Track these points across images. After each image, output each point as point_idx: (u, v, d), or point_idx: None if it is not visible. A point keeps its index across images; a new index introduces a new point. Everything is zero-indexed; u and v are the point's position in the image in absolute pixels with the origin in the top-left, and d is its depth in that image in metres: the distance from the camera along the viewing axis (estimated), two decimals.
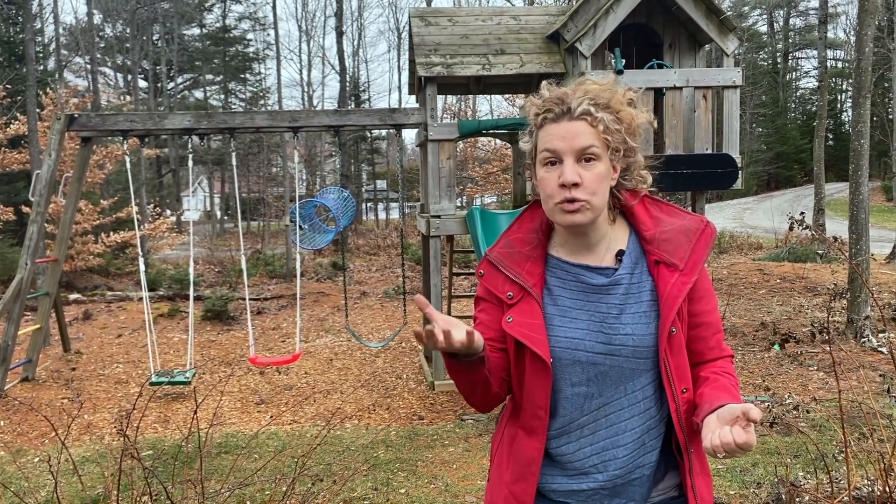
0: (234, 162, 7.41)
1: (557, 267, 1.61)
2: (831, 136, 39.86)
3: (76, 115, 7.10)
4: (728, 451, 1.34)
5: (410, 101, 31.71)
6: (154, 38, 28.87)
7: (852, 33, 35.93)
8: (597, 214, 1.54)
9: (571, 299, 1.58)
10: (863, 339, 7.67)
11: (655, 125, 1.68)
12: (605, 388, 1.56)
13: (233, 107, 33.08)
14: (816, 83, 26.84)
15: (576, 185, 1.48)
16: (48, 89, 14.36)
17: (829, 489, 3.55)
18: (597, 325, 1.55)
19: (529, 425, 1.60)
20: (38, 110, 11.29)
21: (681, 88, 6.71)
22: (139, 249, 7.65)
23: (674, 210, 1.65)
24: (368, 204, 38.66)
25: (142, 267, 7.07)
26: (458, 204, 22.31)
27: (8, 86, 14.27)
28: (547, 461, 1.61)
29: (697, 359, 1.60)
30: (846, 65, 41.49)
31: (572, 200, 1.49)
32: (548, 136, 1.51)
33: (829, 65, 31.93)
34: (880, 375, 6.38)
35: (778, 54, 44.85)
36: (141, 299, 7.28)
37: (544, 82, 1.59)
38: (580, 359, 1.55)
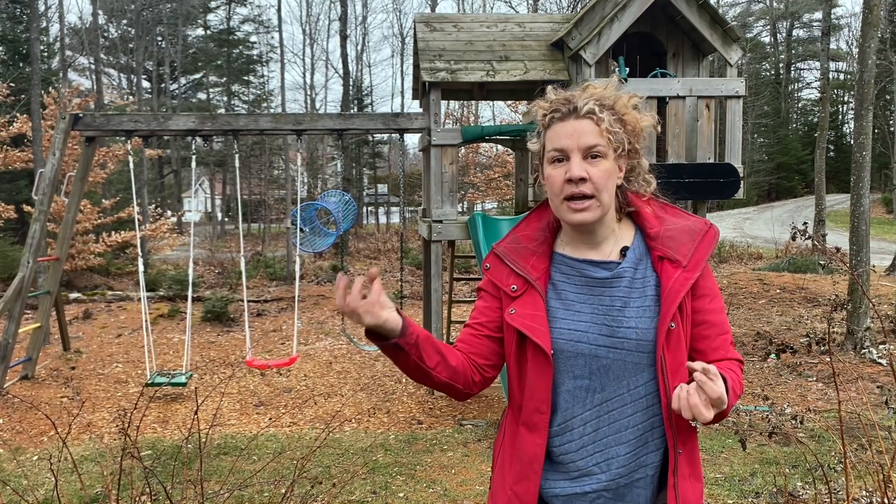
0: (236, 164, 7.43)
1: (562, 263, 1.63)
2: (832, 148, 39.92)
3: (81, 115, 7.12)
4: (689, 407, 1.40)
5: (413, 106, 31.72)
6: (158, 39, 28.91)
7: (855, 45, 36.00)
8: (605, 212, 1.57)
9: (575, 293, 1.60)
10: (863, 351, 7.68)
11: (659, 129, 1.71)
12: (607, 382, 1.56)
13: (235, 109, 33.10)
14: (818, 94, 26.85)
15: (582, 179, 1.51)
16: (51, 88, 14.37)
17: (828, 500, 3.56)
18: (600, 318, 1.56)
19: (531, 421, 1.60)
20: (41, 109, 11.31)
21: (684, 98, 6.73)
22: (139, 250, 7.64)
23: (679, 212, 1.68)
24: (369, 208, 38.68)
25: (140, 267, 7.07)
26: (459, 210, 22.29)
27: (12, 84, 14.28)
28: (549, 465, 1.61)
29: (701, 358, 1.57)
30: (848, 77, 41.54)
31: (581, 197, 1.52)
32: (555, 135, 1.55)
33: (831, 76, 31.99)
34: (879, 387, 6.39)
35: (781, 65, 44.93)
36: (141, 299, 7.28)
37: (550, 86, 1.62)
38: (583, 351, 1.56)
